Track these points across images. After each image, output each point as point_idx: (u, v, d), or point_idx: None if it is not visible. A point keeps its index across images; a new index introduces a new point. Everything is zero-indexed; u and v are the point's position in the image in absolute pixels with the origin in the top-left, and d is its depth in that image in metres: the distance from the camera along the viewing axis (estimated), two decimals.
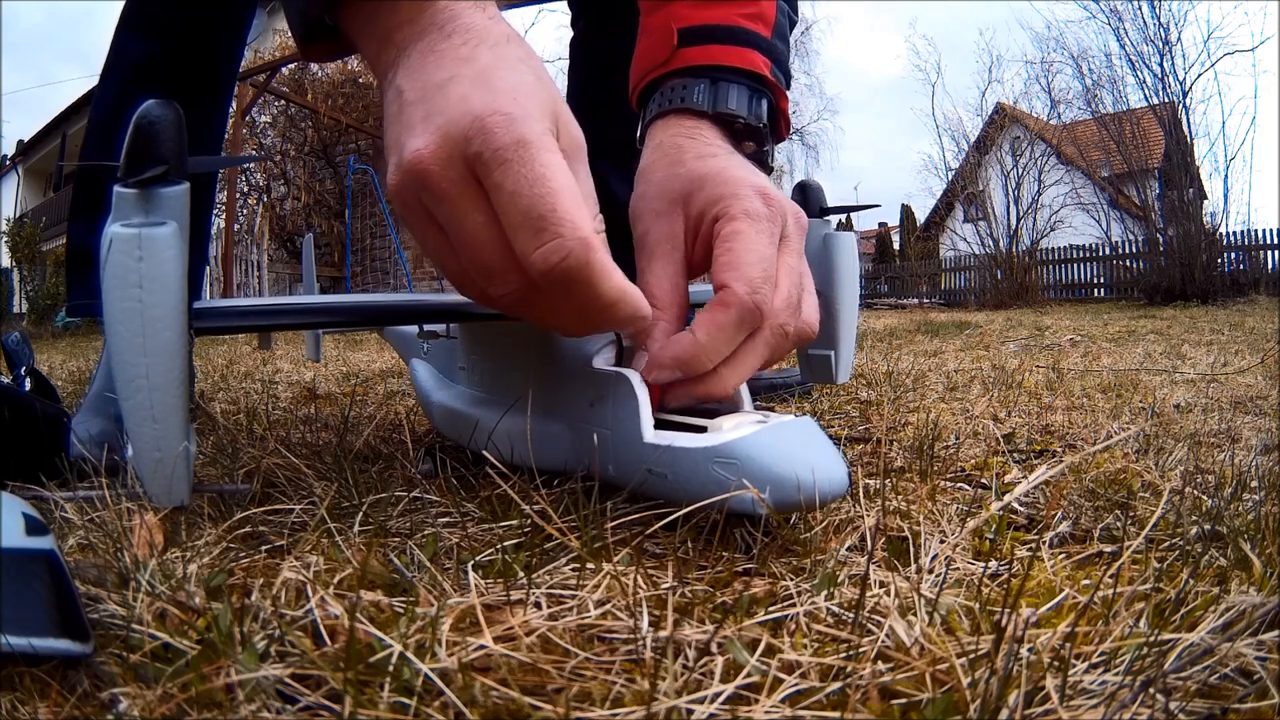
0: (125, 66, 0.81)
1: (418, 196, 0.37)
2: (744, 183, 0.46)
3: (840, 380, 0.65)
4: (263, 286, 6.88)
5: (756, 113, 0.53)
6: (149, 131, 0.38)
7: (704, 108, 0.51)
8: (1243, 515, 0.43)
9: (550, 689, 0.27)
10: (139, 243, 0.37)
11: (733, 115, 0.52)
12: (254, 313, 0.51)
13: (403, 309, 0.58)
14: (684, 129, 0.51)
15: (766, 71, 0.54)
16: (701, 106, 0.51)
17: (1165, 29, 7.75)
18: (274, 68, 5.96)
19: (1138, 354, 1.66)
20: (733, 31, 0.53)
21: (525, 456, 0.50)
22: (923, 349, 2.02)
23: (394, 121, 0.38)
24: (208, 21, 0.82)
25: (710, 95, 0.51)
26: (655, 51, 0.54)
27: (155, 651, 0.29)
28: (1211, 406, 0.90)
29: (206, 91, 0.85)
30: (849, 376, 0.66)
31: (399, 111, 0.38)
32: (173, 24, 0.81)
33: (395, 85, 0.39)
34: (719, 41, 0.52)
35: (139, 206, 0.37)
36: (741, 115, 0.52)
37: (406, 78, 0.38)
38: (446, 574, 0.36)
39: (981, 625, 0.31)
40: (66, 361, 2.26)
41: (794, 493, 0.37)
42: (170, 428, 0.39)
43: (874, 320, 4.10)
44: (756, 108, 0.53)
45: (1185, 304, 5.86)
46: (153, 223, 0.37)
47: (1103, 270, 8.64)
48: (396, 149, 0.37)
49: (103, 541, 0.40)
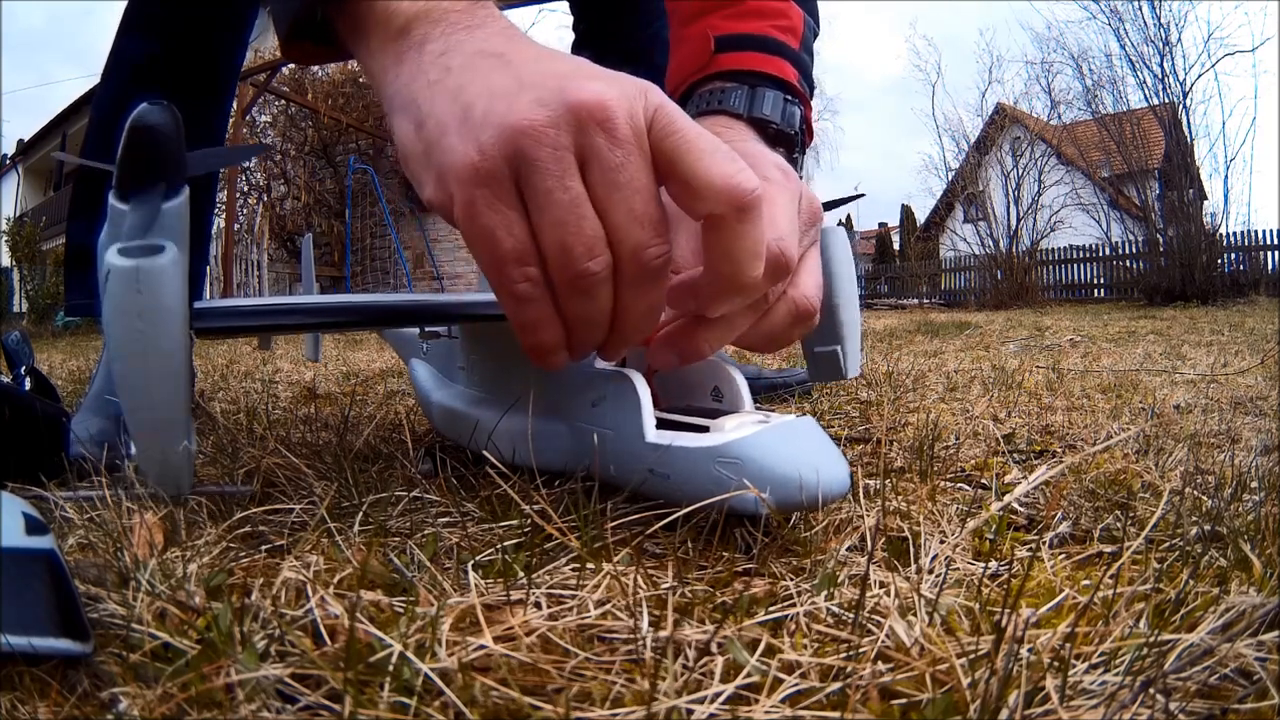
0: (126, 66, 0.81)
1: (514, 168, 0.34)
2: (767, 157, 0.47)
3: (850, 375, 0.65)
4: (263, 286, 6.88)
5: (789, 119, 0.55)
6: (144, 139, 0.36)
7: (740, 111, 0.53)
8: (1243, 516, 0.43)
9: (550, 689, 0.27)
10: (138, 276, 0.36)
11: (767, 120, 0.53)
12: (255, 313, 0.51)
13: (406, 309, 0.58)
14: (720, 125, 0.53)
15: (795, 81, 0.55)
16: (738, 110, 0.53)
17: (1165, 29, 7.76)
18: (274, 68, 5.96)
19: (1138, 354, 1.66)
20: (766, 42, 0.55)
21: (526, 456, 0.50)
22: (923, 349, 2.02)
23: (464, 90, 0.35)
24: (208, 21, 0.82)
25: (747, 100, 0.53)
26: (694, 58, 0.55)
27: (155, 651, 0.29)
28: (1211, 407, 0.90)
29: (208, 91, 0.85)
30: (859, 370, 0.66)
31: (470, 80, 0.35)
32: (173, 24, 0.81)
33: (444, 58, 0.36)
34: (754, 50, 0.54)
35: (136, 223, 0.36)
36: (775, 121, 0.53)
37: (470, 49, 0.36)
38: (446, 574, 0.36)
39: (981, 625, 0.31)
40: (66, 361, 2.26)
41: (796, 493, 0.38)
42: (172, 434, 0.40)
43: (874, 320, 4.10)
44: (789, 115, 0.55)
45: (1185, 304, 5.86)
46: (151, 247, 0.36)
47: (1103, 271, 8.64)
48: (476, 119, 0.34)
49: (103, 541, 0.40)
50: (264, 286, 6.86)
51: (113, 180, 0.36)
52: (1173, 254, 7.06)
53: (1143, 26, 7.88)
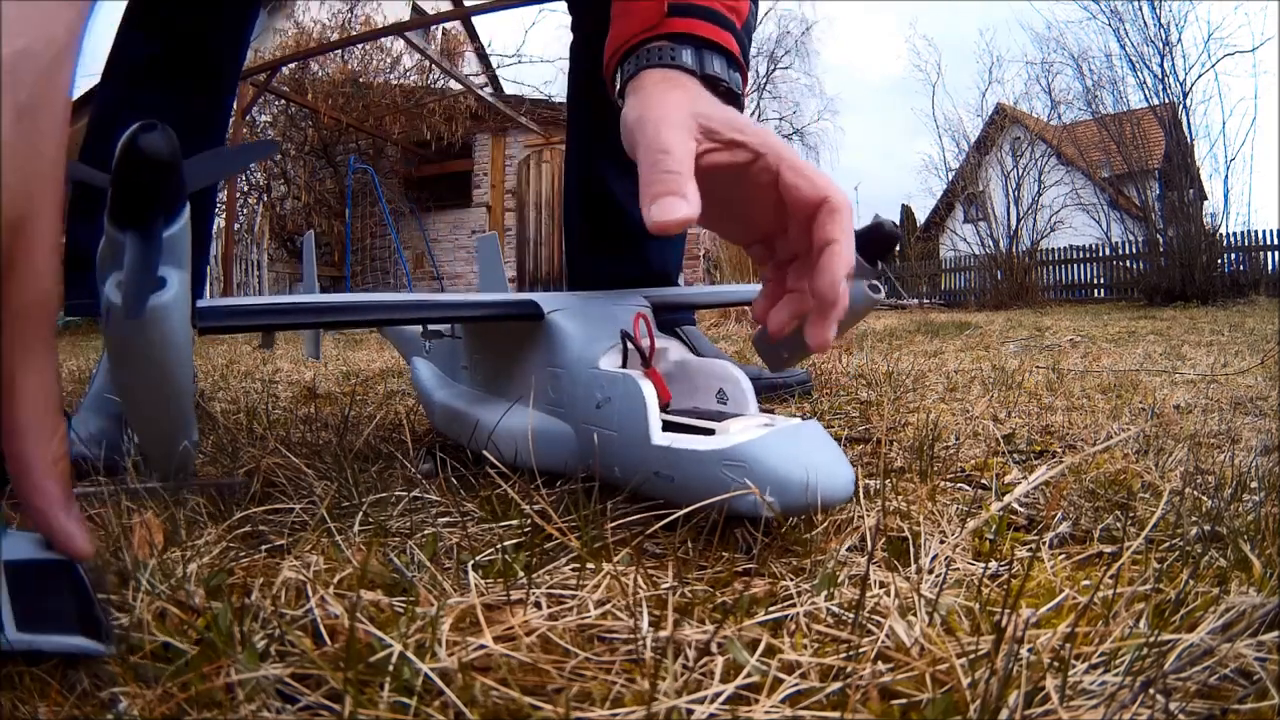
0: (127, 65, 0.81)
1: None
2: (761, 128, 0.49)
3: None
4: (263, 286, 6.88)
5: (734, 84, 0.57)
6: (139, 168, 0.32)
7: (693, 68, 0.54)
8: (1242, 516, 0.43)
9: (550, 689, 0.27)
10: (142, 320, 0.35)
11: (718, 78, 0.55)
12: (259, 311, 0.51)
13: (408, 309, 0.58)
14: (674, 78, 0.54)
15: (737, 54, 0.58)
16: (690, 66, 0.54)
17: (1166, 30, 7.75)
18: (274, 68, 5.95)
19: (1138, 354, 1.66)
20: (715, 14, 0.57)
21: (527, 457, 0.50)
22: (923, 349, 2.02)
23: None
24: (209, 22, 0.82)
25: (697, 59, 0.55)
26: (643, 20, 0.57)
27: (155, 651, 0.29)
28: (1211, 407, 0.90)
29: (209, 91, 0.85)
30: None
31: None
32: (174, 25, 0.81)
33: None
34: (703, 19, 0.56)
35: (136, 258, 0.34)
36: (725, 80, 0.55)
37: None
38: (446, 574, 0.36)
39: (981, 625, 0.31)
40: (66, 361, 2.26)
41: (801, 496, 0.38)
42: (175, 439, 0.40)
43: (874, 320, 4.10)
44: (734, 80, 0.57)
45: (1185, 305, 5.86)
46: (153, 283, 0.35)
47: (1103, 271, 8.63)
48: None
49: (103, 540, 0.40)
50: (264, 286, 6.86)
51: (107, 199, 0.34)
52: (1173, 254, 7.06)
53: (1143, 26, 7.88)
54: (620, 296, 0.62)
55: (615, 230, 1.03)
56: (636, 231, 1.07)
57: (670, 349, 0.54)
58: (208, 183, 0.38)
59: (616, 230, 1.03)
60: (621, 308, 0.56)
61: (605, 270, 1.05)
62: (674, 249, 1.11)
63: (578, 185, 1.08)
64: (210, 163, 0.38)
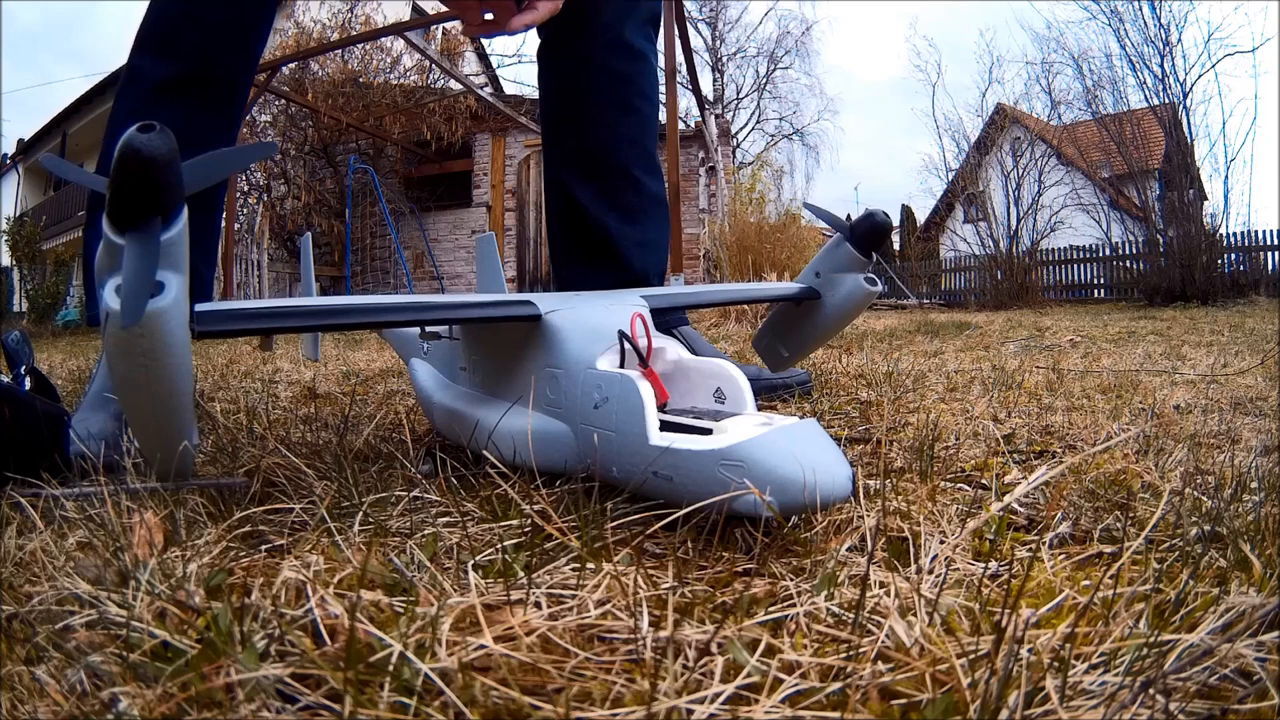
0: (142, 84, 0.83)
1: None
2: None
3: None
4: (262, 286, 6.88)
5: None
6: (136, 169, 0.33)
7: None
8: (1242, 516, 0.43)
9: (550, 689, 0.27)
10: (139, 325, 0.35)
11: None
12: (257, 315, 0.51)
13: (404, 311, 0.58)
14: None
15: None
16: None
17: (1166, 30, 7.75)
18: (274, 67, 5.95)
19: (1138, 355, 1.66)
20: None
21: (526, 457, 0.50)
22: (923, 349, 2.02)
23: None
24: (223, 47, 0.83)
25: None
26: None
27: (155, 651, 0.29)
28: (1211, 407, 0.90)
29: (221, 110, 0.86)
30: None
31: None
32: (188, 48, 0.82)
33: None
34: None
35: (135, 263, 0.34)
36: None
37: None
38: (446, 574, 0.36)
39: (981, 626, 0.31)
40: (66, 360, 2.26)
41: (799, 495, 0.38)
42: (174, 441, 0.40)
43: (874, 320, 4.10)
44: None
45: (1185, 305, 5.86)
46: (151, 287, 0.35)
47: (1103, 271, 8.63)
48: None
49: (103, 540, 0.40)
50: (264, 286, 6.86)
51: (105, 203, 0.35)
52: (1173, 254, 7.06)
53: (1143, 27, 7.88)
54: (618, 297, 0.62)
55: (588, 237, 1.04)
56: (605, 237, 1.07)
57: (667, 349, 0.54)
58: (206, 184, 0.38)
59: (589, 237, 1.04)
60: (619, 308, 0.56)
61: (587, 278, 1.05)
62: (654, 253, 1.10)
63: (550, 192, 1.09)
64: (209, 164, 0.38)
